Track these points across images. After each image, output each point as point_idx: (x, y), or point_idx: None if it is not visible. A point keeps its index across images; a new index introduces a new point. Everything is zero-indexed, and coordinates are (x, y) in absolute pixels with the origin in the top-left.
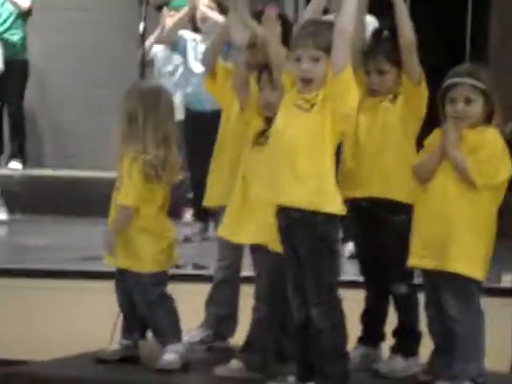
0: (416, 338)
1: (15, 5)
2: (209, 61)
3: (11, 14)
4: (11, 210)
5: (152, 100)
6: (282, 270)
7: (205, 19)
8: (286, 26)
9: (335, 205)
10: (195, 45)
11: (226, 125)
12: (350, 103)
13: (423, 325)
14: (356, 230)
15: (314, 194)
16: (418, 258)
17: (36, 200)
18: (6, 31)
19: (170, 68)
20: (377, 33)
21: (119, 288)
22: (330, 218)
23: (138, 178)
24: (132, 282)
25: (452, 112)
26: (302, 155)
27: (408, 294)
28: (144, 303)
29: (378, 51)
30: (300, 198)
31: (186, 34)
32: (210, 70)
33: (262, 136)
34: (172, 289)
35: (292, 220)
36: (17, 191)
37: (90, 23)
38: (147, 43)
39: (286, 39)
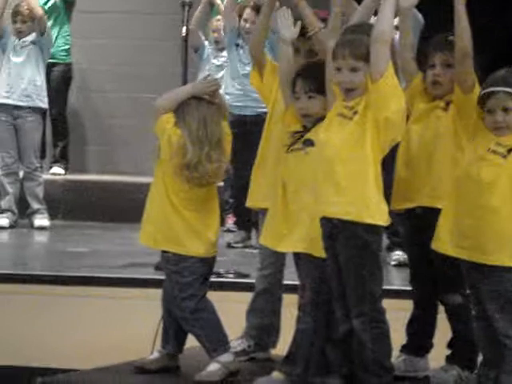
0: (473, 348)
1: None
2: (254, 51)
3: (56, 9)
4: (53, 215)
5: (192, 102)
6: (327, 280)
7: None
8: None
9: (376, 216)
10: (238, 48)
11: (269, 125)
12: (392, 108)
13: None
14: (410, 238)
15: (354, 205)
16: (454, 248)
17: (78, 206)
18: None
19: (218, 62)
20: (442, 33)
21: (163, 295)
22: (372, 227)
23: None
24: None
25: (492, 123)
26: (343, 165)
27: (462, 304)
28: (180, 319)
29: (446, 47)
30: (340, 208)
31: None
32: (257, 62)
33: (297, 141)
34: (213, 296)
35: (333, 228)
36: (59, 197)
37: (132, 26)
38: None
39: None
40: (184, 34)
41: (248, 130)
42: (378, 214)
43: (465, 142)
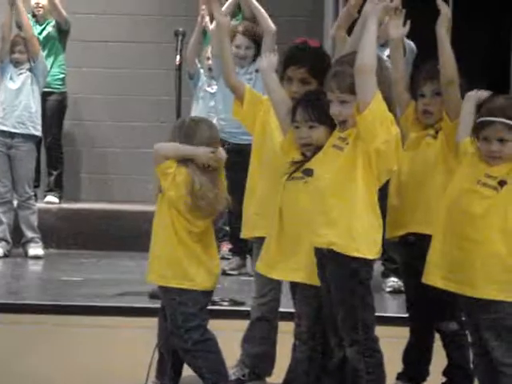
0: (468, 376)
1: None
2: (227, 82)
3: (51, 39)
4: (47, 244)
5: (189, 133)
6: (322, 309)
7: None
8: (325, 61)
9: (363, 249)
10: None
11: (257, 154)
12: (381, 138)
13: None
14: (405, 266)
15: (341, 237)
16: (442, 280)
17: (72, 234)
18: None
19: (212, 90)
20: (432, 61)
21: (160, 326)
22: (360, 257)
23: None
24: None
25: (486, 151)
26: (333, 197)
27: (458, 331)
28: (181, 350)
29: (436, 76)
30: (328, 239)
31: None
32: (235, 92)
33: (297, 170)
34: (208, 325)
35: (323, 258)
36: (53, 225)
37: (126, 55)
38: (189, 51)
39: (324, 74)
40: (178, 63)
41: (243, 158)
42: (365, 246)
43: (454, 169)
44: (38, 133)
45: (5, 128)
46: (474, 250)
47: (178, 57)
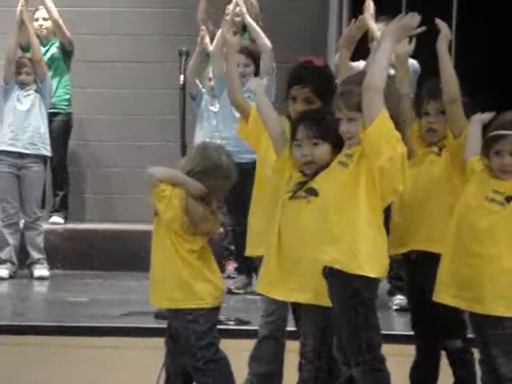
0: None
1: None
2: (232, 100)
3: (55, 60)
4: (52, 265)
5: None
6: (328, 328)
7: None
8: (330, 81)
9: (366, 267)
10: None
11: (261, 172)
12: (385, 156)
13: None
14: (408, 283)
15: (344, 255)
16: (452, 297)
17: (77, 255)
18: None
19: (215, 109)
20: (434, 79)
21: (168, 346)
22: (363, 276)
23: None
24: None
25: (498, 165)
26: (336, 214)
27: (463, 348)
28: (192, 368)
29: (439, 94)
30: (331, 257)
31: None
32: (240, 110)
33: (300, 189)
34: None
35: (328, 275)
36: (58, 246)
37: (131, 75)
38: (188, 72)
39: (329, 93)
40: (182, 82)
41: (244, 176)
42: (368, 265)
43: (459, 187)
44: (49, 153)
45: (16, 149)
46: (481, 266)
47: (181, 76)
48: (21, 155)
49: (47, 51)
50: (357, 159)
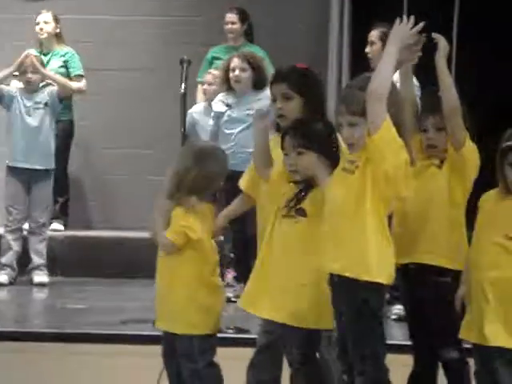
0: None
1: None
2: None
3: (56, 72)
4: (52, 271)
5: (200, 158)
6: (316, 347)
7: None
8: (308, 75)
9: (375, 273)
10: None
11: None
12: (390, 163)
13: None
14: (405, 294)
15: (354, 262)
16: (467, 331)
17: (77, 262)
18: None
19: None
20: (432, 92)
21: (168, 356)
22: (372, 284)
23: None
24: (179, 348)
25: None
26: (344, 220)
27: (459, 359)
28: (190, 372)
29: (437, 108)
30: (339, 264)
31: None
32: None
33: (291, 209)
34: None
35: (335, 284)
36: (58, 252)
37: (131, 83)
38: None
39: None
40: (182, 91)
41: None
42: (377, 271)
43: (460, 199)
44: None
45: (28, 166)
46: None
47: (182, 84)
48: (31, 169)
49: (48, 63)
50: (362, 166)
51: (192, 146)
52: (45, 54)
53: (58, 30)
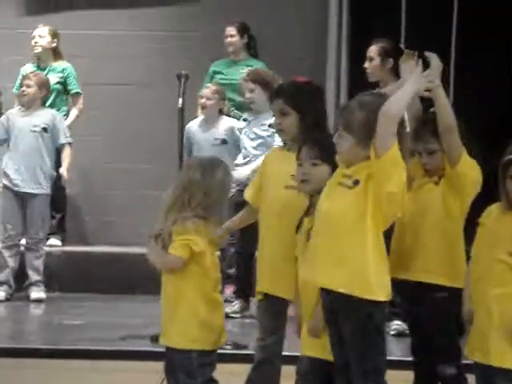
0: None
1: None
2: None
3: (54, 91)
4: (49, 287)
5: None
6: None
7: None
8: (305, 91)
9: (376, 290)
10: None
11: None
12: (394, 183)
13: None
14: (404, 309)
15: (353, 279)
16: (471, 350)
17: (74, 277)
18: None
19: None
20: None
21: (169, 372)
22: (374, 300)
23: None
24: (178, 363)
25: None
26: (343, 236)
27: (457, 375)
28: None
29: (426, 131)
30: (339, 281)
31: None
32: None
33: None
34: None
35: (334, 301)
36: (55, 268)
37: (128, 98)
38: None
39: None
40: (180, 105)
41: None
42: (378, 288)
43: (456, 216)
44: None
45: (22, 190)
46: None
47: (180, 100)
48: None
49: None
50: (364, 182)
51: (198, 159)
52: (42, 69)
53: (54, 45)
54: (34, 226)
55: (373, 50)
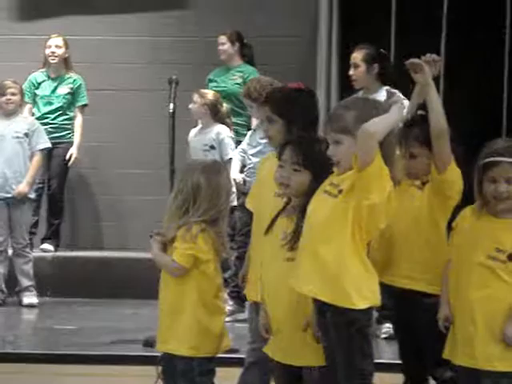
0: None
1: None
2: None
3: (62, 98)
4: (42, 292)
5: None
6: None
7: None
8: (291, 98)
9: (354, 300)
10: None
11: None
12: (374, 195)
13: None
14: (393, 312)
15: (331, 288)
16: (451, 352)
17: (67, 282)
18: (56, 116)
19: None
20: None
21: (168, 377)
22: (354, 309)
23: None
24: (179, 370)
25: (493, 192)
26: (324, 243)
27: (452, 378)
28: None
29: (410, 135)
30: (320, 289)
31: None
32: None
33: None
34: None
35: (322, 305)
36: (48, 273)
37: (121, 103)
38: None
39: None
40: (171, 111)
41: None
42: (357, 297)
43: (440, 222)
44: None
45: (4, 195)
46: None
47: (171, 104)
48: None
49: (56, 88)
50: (346, 193)
51: (201, 163)
52: (53, 79)
53: (67, 55)
54: (18, 231)
55: (357, 57)
